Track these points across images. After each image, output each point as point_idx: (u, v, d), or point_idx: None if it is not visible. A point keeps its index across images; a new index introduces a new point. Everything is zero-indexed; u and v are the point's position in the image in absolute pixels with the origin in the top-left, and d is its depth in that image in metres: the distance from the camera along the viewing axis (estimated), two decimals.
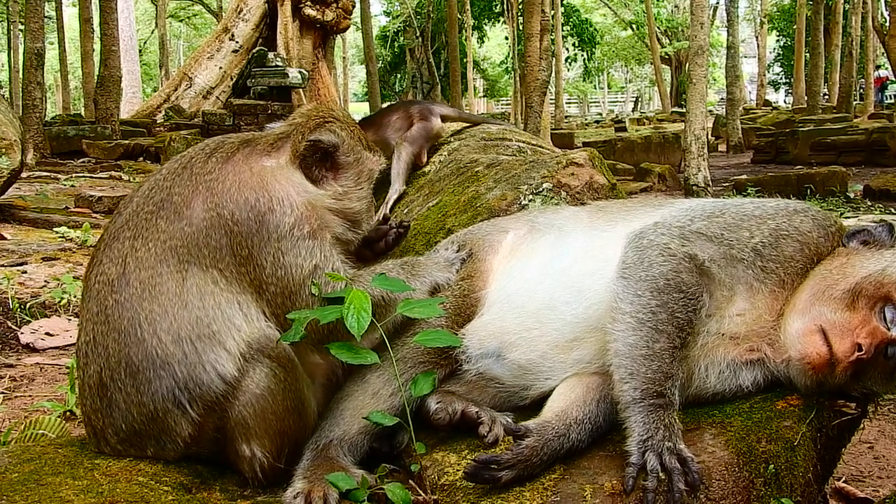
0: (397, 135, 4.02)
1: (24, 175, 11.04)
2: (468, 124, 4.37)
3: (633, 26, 50.42)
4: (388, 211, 3.82)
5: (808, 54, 33.56)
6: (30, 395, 3.65)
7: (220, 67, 27.11)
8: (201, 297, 2.09)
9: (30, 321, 4.65)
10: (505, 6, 38.85)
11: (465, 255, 2.54)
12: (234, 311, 2.11)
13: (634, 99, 68.07)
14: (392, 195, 3.84)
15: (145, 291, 2.08)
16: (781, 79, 56.54)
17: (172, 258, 2.11)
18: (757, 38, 49.66)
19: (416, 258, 2.58)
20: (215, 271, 2.12)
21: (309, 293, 2.18)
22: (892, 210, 11.01)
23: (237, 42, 27.13)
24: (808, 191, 12.75)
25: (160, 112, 26.30)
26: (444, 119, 4.17)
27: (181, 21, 54.74)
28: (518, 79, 29.74)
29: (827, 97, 36.30)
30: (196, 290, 2.09)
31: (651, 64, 49.83)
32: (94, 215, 9.17)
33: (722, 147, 25.35)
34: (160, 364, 2.04)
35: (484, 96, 59.73)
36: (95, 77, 21.82)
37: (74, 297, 5.03)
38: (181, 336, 2.05)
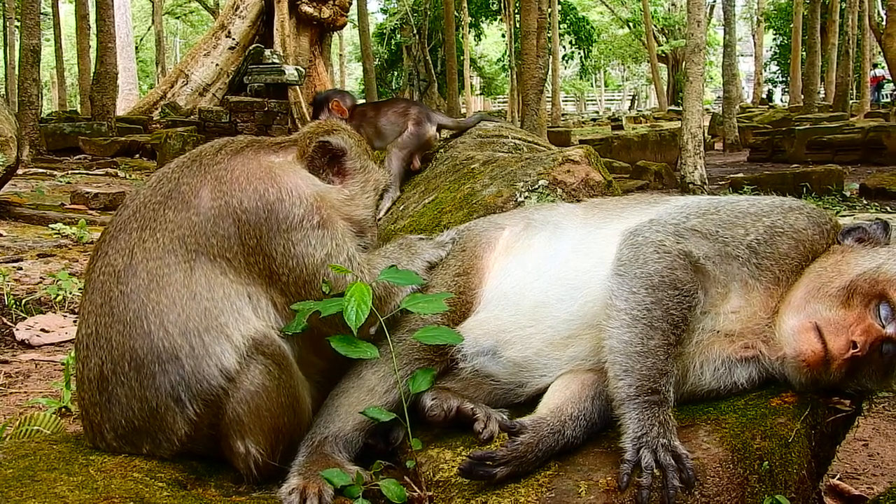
0: (391, 127, 4.03)
1: (19, 172, 11.00)
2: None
3: (630, 24, 50.38)
4: (379, 217, 3.81)
5: (804, 53, 33.55)
6: (25, 392, 3.64)
7: (217, 64, 27.02)
8: (210, 288, 2.07)
9: (25, 318, 4.64)
10: (502, 4, 38.80)
11: (455, 236, 2.59)
12: (243, 303, 2.10)
13: (631, 97, 68.14)
14: (386, 203, 3.82)
15: (152, 282, 2.06)
16: (778, 77, 56.57)
17: (180, 248, 2.10)
18: (754, 36, 49.72)
19: (410, 238, 2.59)
20: (223, 261, 2.11)
21: (323, 281, 2.18)
22: (888, 208, 11.03)
23: (234, 39, 27.02)
24: (805, 189, 12.73)
25: (156, 109, 26.21)
26: (441, 128, 4.18)
27: (177, 18, 54.58)
28: (515, 76, 29.76)
29: (823, 96, 36.36)
30: (205, 281, 2.07)
31: (648, 62, 49.83)
32: (90, 212, 9.16)
33: (718, 145, 25.34)
34: (166, 357, 2.02)
35: (481, 94, 59.64)
36: (92, 74, 21.76)
37: (70, 293, 5.03)
38: (189, 328, 2.03)
